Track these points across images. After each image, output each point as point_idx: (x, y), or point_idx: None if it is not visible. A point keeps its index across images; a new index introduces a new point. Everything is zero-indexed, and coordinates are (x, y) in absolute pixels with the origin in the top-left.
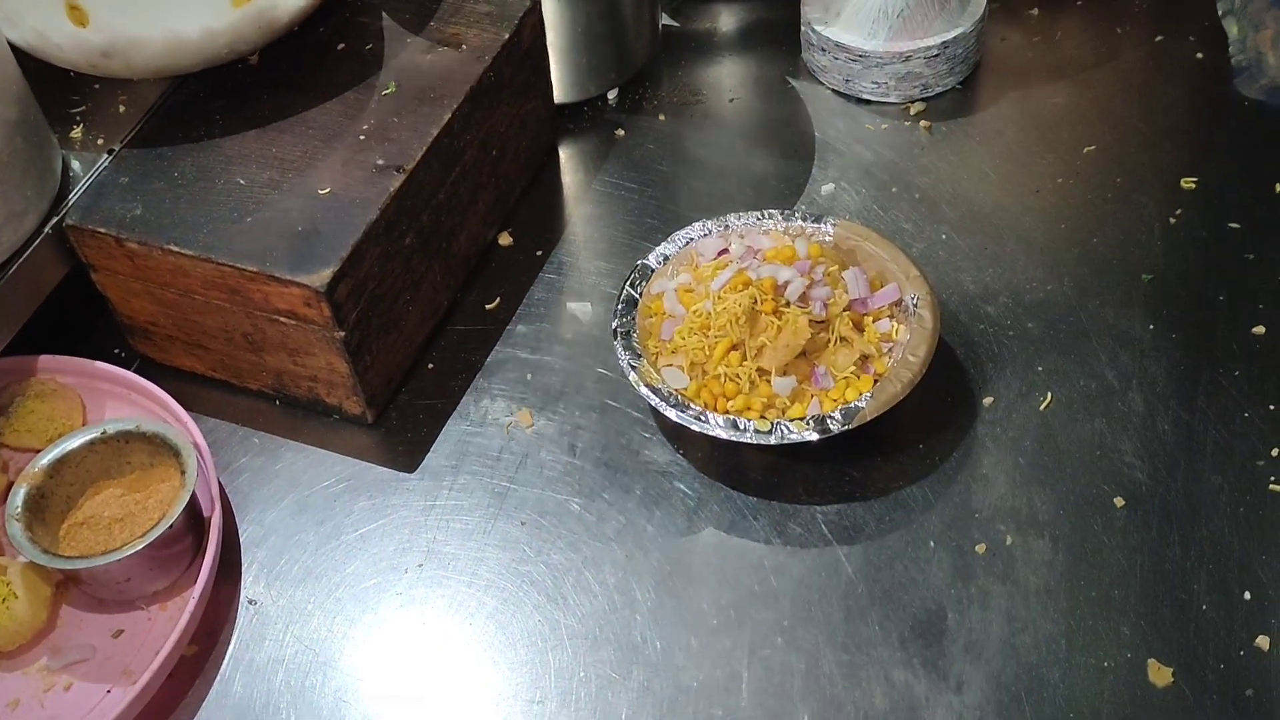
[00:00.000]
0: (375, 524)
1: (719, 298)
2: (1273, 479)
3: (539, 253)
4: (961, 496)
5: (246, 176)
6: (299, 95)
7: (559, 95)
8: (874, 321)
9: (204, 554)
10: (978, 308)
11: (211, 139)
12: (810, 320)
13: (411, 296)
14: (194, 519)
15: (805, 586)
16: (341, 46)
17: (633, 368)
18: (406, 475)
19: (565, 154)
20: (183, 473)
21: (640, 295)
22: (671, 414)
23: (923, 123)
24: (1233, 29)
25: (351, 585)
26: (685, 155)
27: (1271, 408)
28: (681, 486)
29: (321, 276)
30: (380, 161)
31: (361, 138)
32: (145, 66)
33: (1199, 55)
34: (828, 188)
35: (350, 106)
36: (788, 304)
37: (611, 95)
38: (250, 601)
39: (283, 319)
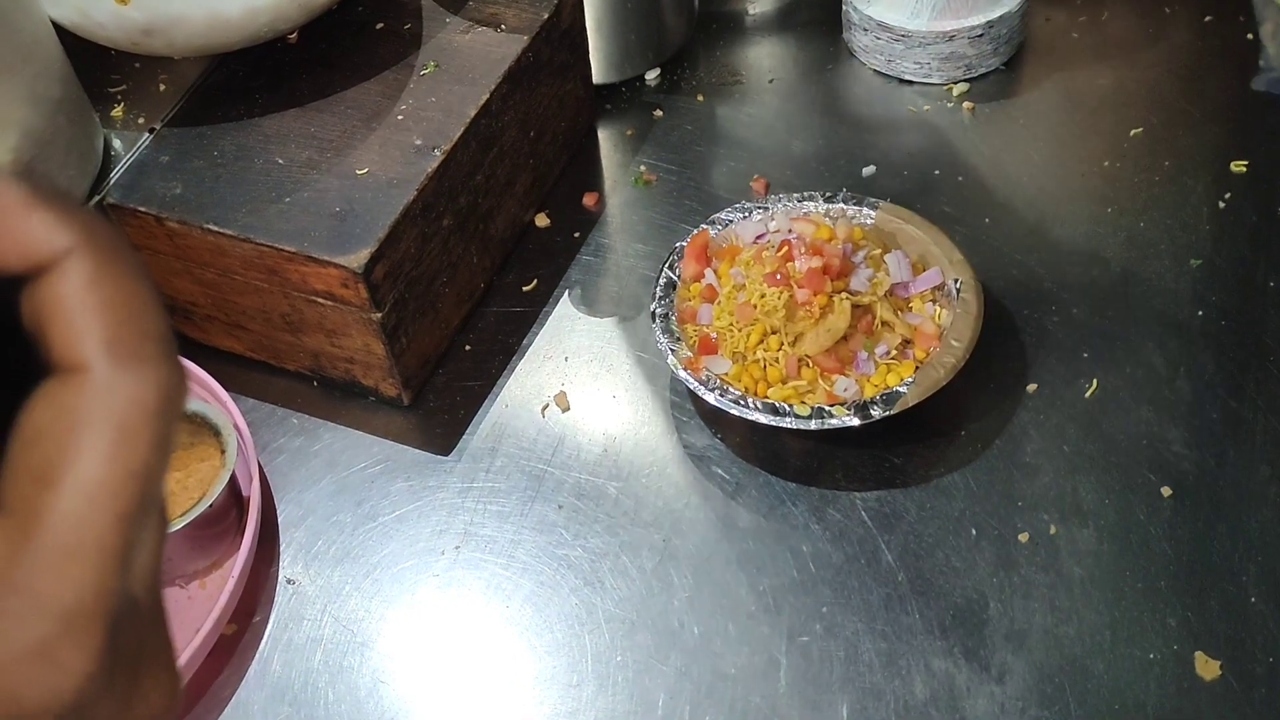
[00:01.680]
0: (412, 506)
1: (754, 288)
2: None
3: (576, 235)
4: (1004, 484)
5: (285, 156)
6: (338, 74)
7: (598, 76)
8: (917, 305)
9: (243, 533)
10: (1022, 293)
11: (251, 118)
12: (852, 304)
13: (448, 278)
14: (233, 499)
15: (844, 573)
16: (380, 25)
17: (671, 351)
18: (443, 458)
19: (604, 135)
20: (222, 452)
21: (679, 278)
22: (711, 398)
23: (966, 104)
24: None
25: (389, 567)
26: (724, 136)
27: None
28: (720, 471)
29: (359, 257)
30: (418, 142)
31: (400, 118)
32: (186, 45)
33: (1249, 36)
34: (869, 170)
35: (389, 86)
36: (831, 289)
37: (650, 76)
38: (289, 581)
39: (320, 300)
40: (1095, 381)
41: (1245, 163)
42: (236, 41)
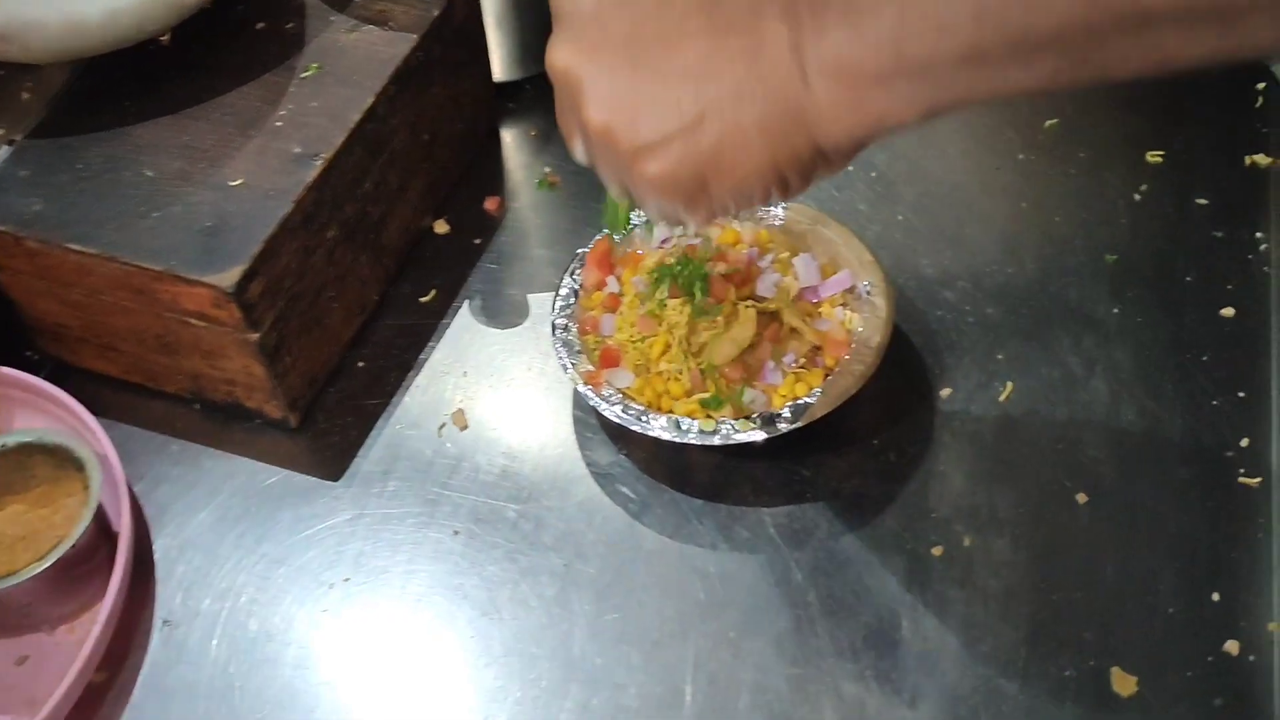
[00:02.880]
0: (300, 536)
1: (656, 297)
2: (1242, 471)
3: (477, 241)
4: (917, 495)
5: (155, 167)
6: (214, 78)
7: (499, 73)
8: (827, 310)
9: (113, 572)
10: (935, 293)
11: (121, 127)
12: (758, 312)
13: (336, 292)
14: (103, 535)
15: (753, 594)
16: (260, 25)
17: (572, 365)
18: (332, 483)
19: (506, 136)
20: (86, 488)
21: (580, 286)
22: (611, 414)
23: None
24: None
25: (274, 603)
26: None
27: (1241, 394)
28: (624, 489)
29: (230, 275)
30: (298, 150)
31: (279, 124)
32: (45, 50)
33: None
34: None
35: (268, 90)
36: (736, 296)
37: None
38: (165, 622)
39: (193, 320)
40: (1010, 384)
41: (1161, 152)
42: (99, 46)
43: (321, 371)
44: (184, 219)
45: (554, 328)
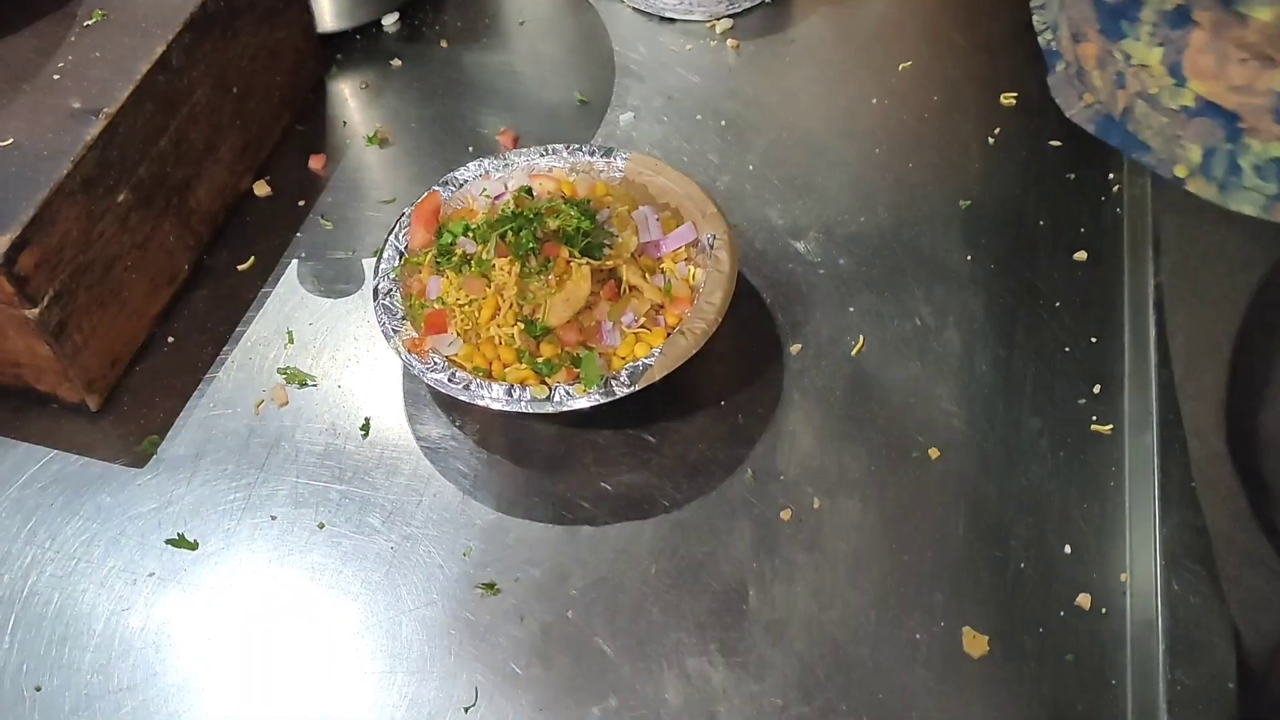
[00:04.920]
0: (100, 528)
1: (482, 256)
2: (1094, 418)
3: (301, 203)
4: (766, 457)
5: None
6: None
7: (325, 23)
8: (669, 265)
9: None
10: (787, 245)
11: None
12: (594, 269)
13: (135, 262)
14: None
15: (593, 570)
16: None
17: (395, 331)
18: (137, 470)
19: (333, 89)
20: None
21: (406, 247)
22: (435, 382)
23: (730, 42)
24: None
25: (71, 603)
26: (471, 87)
27: (1094, 340)
28: (458, 464)
29: None
30: (76, 105)
31: (56, 77)
32: None
33: None
34: (627, 117)
35: (44, 40)
36: (570, 253)
37: (388, 22)
38: None
39: None
40: (862, 338)
41: (1014, 94)
42: None
43: (124, 350)
44: None
45: (376, 292)
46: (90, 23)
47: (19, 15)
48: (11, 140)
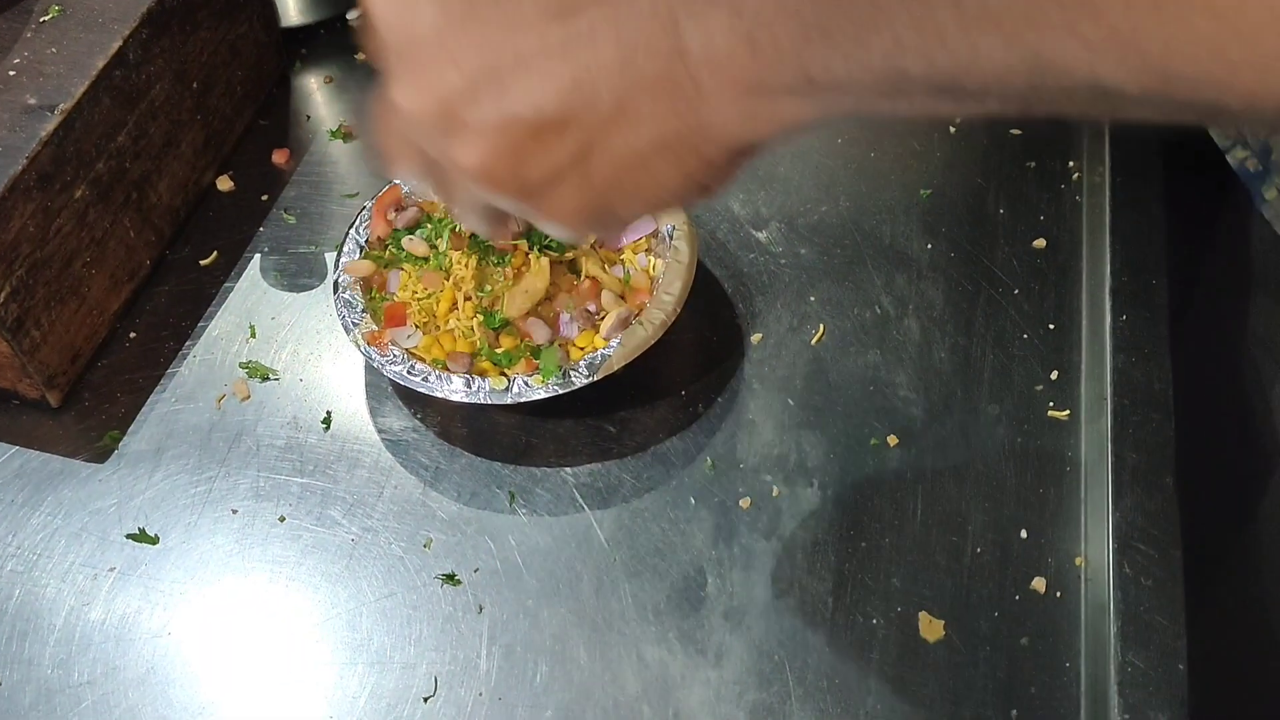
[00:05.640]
0: (60, 524)
1: (438, 248)
2: (1052, 404)
3: (264, 198)
4: (726, 446)
5: None
6: None
7: (288, 17)
8: (629, 256)
9: None
10: (748, 235)
11: None
12: (553, 260)
13: (94, 257)
14: None
15: (552, 559)
16: None
17: (354, 325)
18: (98, 465)
19: (297, 84)
20: None
21: (367, 241)
22: (394, 375)
23: None
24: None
25: (31, 598)
26: None
27: (1051, 327)
28: (419, 456)
29: None
30: (32, 101)
31: (11, 73)
32: None
33: None
34: None
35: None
36: (529, 245)
37: (352, 16)
38: None
39: None
40: (822, 327)
41: None
42: None
43: (85, 346)
44: None
45: (336, 285)
46: (46, 18)
47: None
48: None
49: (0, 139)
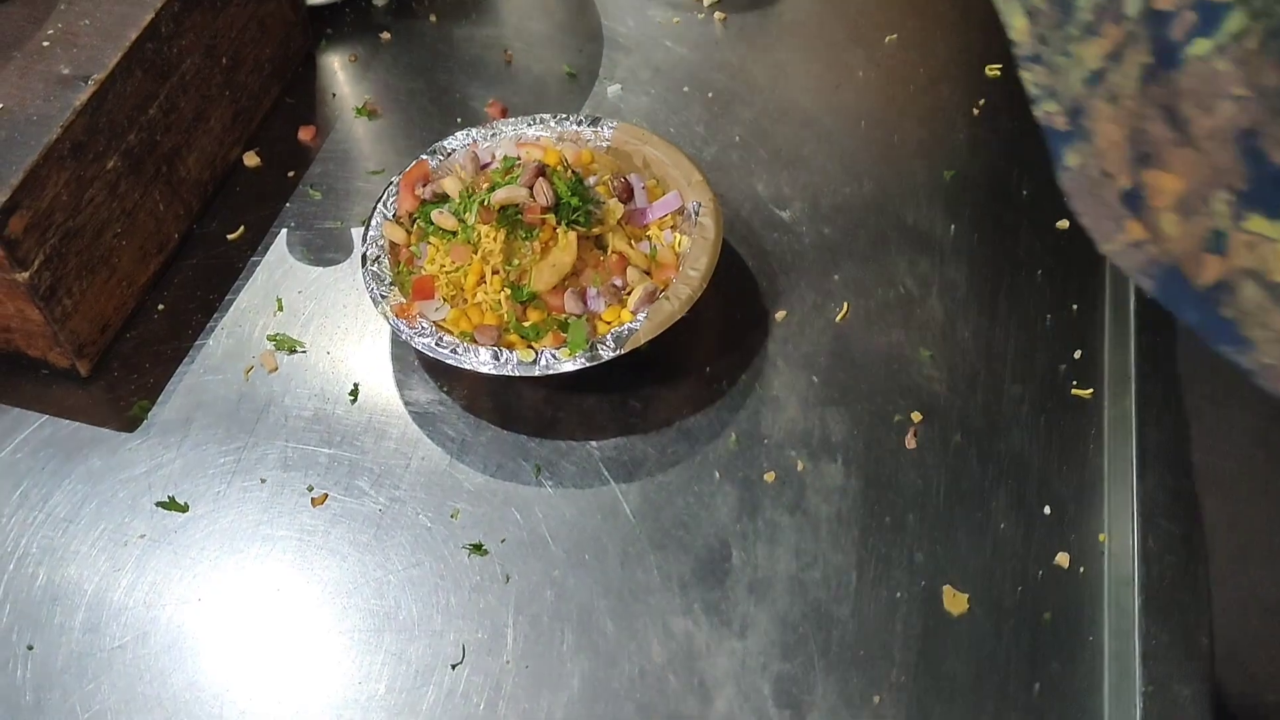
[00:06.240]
0: (91, 491)
1: (466, 222)
2: (1075, 383)
3: (290, 174)
4: (750, 422)
5: None
6: None
7: None
8: (655, 232)
9: None
10: (772, 215)
11: None
12: (580, 235)
13: (125, 228)
14: None
15: (578, 531)
16: None
17: (383, 297)
18: (127, 434)
19: (323, 62)
20: None
21: (394, 215)
22: (422, 346)
23: (718, 15)
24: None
25: (63, 564)
26: (459, 60)
27: (1075, 308)
28: (445, 428)
29: None
30: (66, 71)
31: (45, 44)
32: None
33: None
34: (614, 89)
35: (33, 7)
36: (557, 220)
37: None
38: None
39: None
40: (846, 305)
41: (999, 66)
42: None
43: (114, 316)
44: None
45: (364, 259)
46: None
47: None
48: (1, 106)
49: (35, 108)
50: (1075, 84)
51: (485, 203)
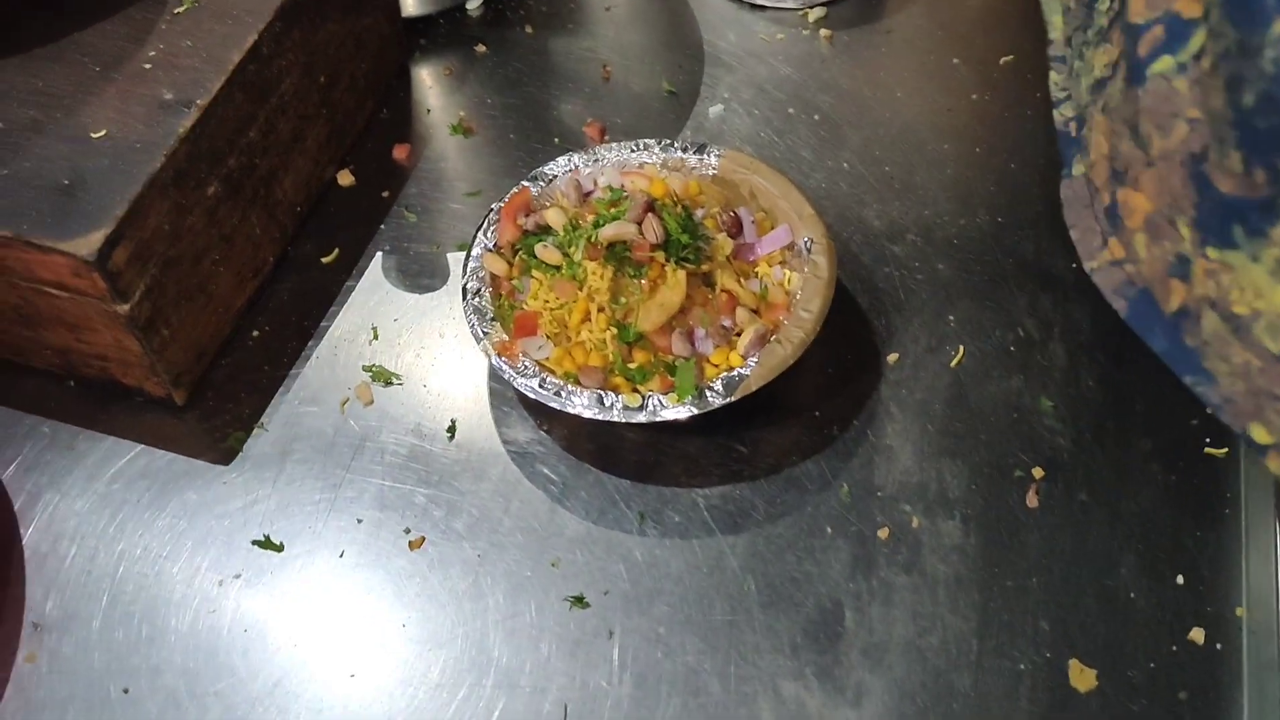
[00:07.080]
0: (187, 526)
1: (572, 258)
2: (1208, 440)
3: (385, 194)
4: (863, 472)
5: (3, 117)
6: (70, 14)
7: (409, 7)
8: (764, 269)
9: None
10: (883, 248)
11: None
12: (688, 273)
13: (222, 255)
14: None
15: (684, 584)
16: None
17: (485, 334)
18: (223, 467)
19: (418, 76)
20: None
21: (495, 245)
22: (526, 388)
23: (823, 32)
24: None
25: (159, 603)
26: (556, 74)
27: None
28: (545, 470)
29: (90, 241)
30: (168, 96)
31: (147, 66)
32: None
33: None
34: (716, 109)
35: (134, 28)
36: (666, 257)
37: (472, 6)
38: (34, 625)
39: (52, 291)
40: (961, 349)
41: None
42: None
43: (209, 343)
44: (36, 176)
45: (465, 292)
46: (181, 10)
47: (109, 3)
48: (104, 132)
49: (137, 135)
50: (1084, 91)
51: (592, 239)
